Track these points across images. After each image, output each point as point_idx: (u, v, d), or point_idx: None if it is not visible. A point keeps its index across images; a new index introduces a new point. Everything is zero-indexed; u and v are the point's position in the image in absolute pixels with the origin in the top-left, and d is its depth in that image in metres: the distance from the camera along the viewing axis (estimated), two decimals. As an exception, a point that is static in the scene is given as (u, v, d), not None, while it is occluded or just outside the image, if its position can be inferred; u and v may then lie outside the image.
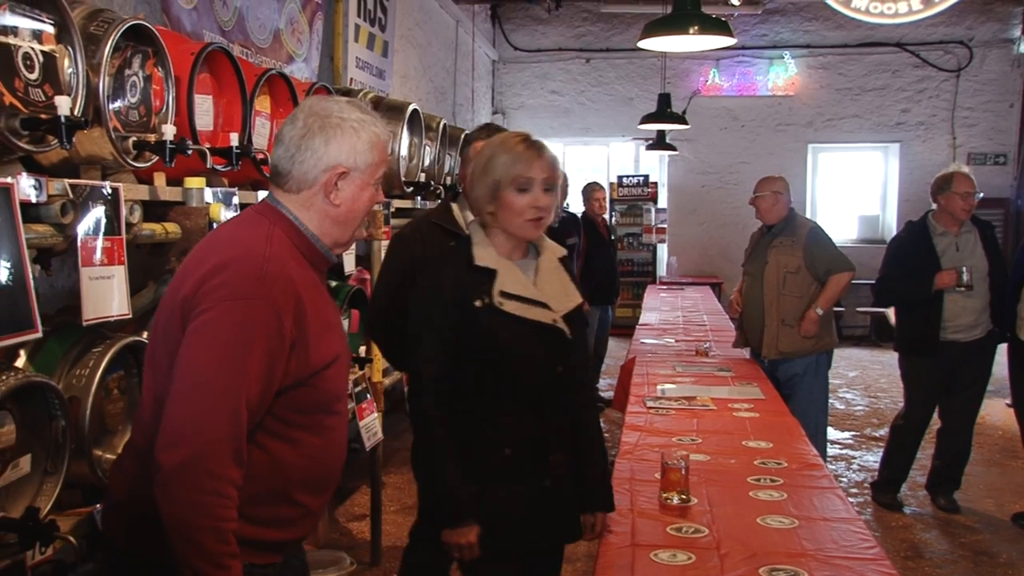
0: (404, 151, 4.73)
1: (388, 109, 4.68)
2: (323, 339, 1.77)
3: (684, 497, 2.67)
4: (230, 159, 2.75)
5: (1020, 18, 11.25)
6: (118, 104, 2.36)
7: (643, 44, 4.64)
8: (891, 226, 11.61)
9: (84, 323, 2.13)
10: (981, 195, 4.96)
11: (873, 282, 5.24)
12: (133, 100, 2.43)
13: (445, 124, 5.40)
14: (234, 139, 2.78)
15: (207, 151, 2.66)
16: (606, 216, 8.49)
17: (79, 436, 2.09)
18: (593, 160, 12.88)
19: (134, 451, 1.82)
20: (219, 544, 1.59)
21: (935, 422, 5.15)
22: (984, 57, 11.45)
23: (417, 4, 8.60)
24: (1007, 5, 11.30)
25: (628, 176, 12.28)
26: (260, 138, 3.17)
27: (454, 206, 3.00)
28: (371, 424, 3.92)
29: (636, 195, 12.15)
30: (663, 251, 12.30)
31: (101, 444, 2.19)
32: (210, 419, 1.60)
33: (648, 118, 9.40)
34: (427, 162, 5.08)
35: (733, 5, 9.50)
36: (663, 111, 9.36)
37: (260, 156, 3.01)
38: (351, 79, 6.53)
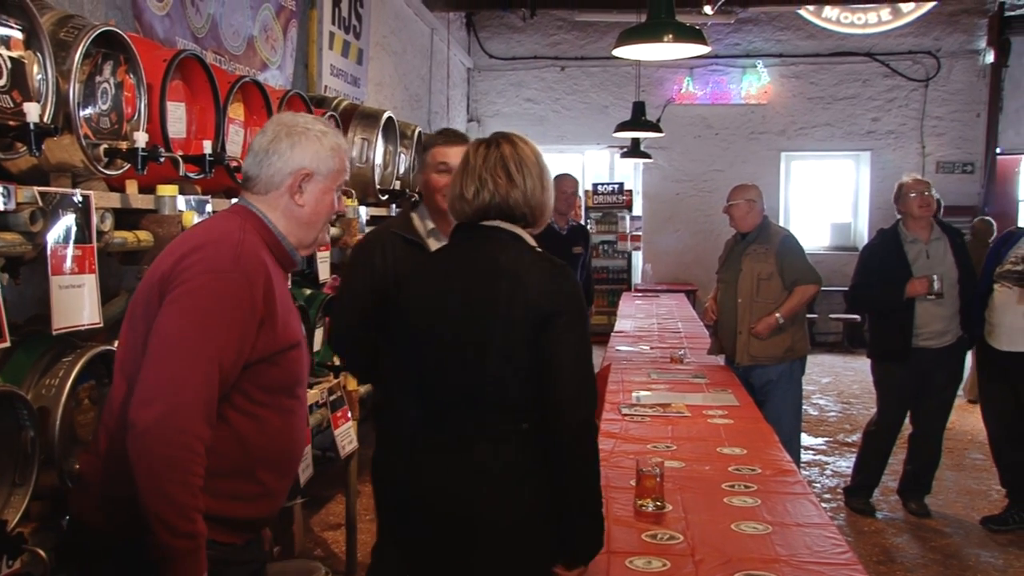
0: (379, 159, 4.72)
1: (363, 117, 4.67)
2: (288, 321, 1.92)
3: (659, 504, 2.68)
4: (203, 167, 2.73)
5: (985, 30, 11.44)
6: (89, 111, 2.34)
7: (618, 52, 4.66)
8: (863, 233, 11.75)
9: (54, 332, 2.10)
10: (937, 195, 5.05)
11: (846, 289, 5.30)
12: (104, 107, 2.40)
13: (420, 132, 5.40)
14: (207, 147, 2.76)
15: (180, 159, 2.64)
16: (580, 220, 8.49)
17: (48, 447, 2.06)
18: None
19: (105, 431, 1.90)
20: (189, 497, 1.69)
21: (906, 427, 5.21)
22: (951, 67, 11.63)
23: (392, 12, 8.60)
24: (972, 17, 11.49)
25: (603, 184, 12.33)
26: (233, 146, 3.15)
27: (414, 215, 2.91)
28: (346, 432, 3.90)
29: (611, 203, 12.21)
30: (638, 258, 12.36)
31: (71, 455, 2.16)
32: (185, 379, 1.71)
33: (623, 126, 9.45)
34: (402, 170, 5.07)
35: (707, 14, 9.58)
36: (638, 119, 9.42)
37: (233, 164, 2.99)
38: (325, 86, 6.51)
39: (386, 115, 4.73)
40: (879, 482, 5.27)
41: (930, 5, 11.22)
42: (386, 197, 4.79)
